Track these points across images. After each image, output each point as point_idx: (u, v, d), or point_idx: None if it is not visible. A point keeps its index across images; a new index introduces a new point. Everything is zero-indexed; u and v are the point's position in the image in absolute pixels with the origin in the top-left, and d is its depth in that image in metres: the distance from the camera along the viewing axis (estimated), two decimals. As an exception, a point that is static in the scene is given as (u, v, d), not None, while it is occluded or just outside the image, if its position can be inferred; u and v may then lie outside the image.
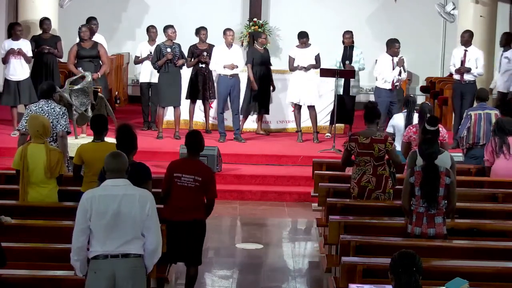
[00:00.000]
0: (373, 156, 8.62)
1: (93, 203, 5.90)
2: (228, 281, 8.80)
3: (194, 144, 7.76)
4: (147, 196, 6.01)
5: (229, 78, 13.66)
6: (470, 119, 10.91)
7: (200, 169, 7.69)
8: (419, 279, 5.04)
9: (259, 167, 12.69)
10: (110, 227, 5.88)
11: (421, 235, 7.40)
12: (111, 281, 5.87)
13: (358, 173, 8.72)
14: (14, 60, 13.55)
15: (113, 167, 6.02)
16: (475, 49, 13.64)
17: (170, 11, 16.89)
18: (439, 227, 7.43)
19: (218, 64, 13.64)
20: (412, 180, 7.44)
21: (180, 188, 7.62)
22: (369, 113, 8.76)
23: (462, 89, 13.60)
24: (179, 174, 7.64)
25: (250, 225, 10.93)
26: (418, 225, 7.44)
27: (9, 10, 17.25)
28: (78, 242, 5.92)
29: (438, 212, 7.43)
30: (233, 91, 13.73)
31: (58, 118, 9.35)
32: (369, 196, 8.68)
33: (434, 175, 7.39)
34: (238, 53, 13.89)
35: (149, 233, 5.95)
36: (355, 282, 6.48)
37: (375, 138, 8.64)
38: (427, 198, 7.37)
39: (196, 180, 7.62)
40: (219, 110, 13.84)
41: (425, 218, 7.42)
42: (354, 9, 17.50)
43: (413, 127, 9.66)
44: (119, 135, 7.47)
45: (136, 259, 5.93)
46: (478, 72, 13.59)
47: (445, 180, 7.42)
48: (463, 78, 13.59)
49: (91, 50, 13.56)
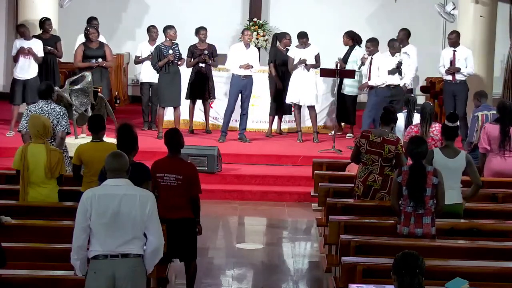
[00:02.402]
0: (382, 156, 8.62)
1: (93, 202, 5.90)
2: (228, 281, 8.80)
3: (173, 142, 7.73)
4: (148, 197, 6.00)
5: (242, 79, 13.65)
6: (478, 121, 10.86)
7: (181, 168, 7.68)
8: (422, 280, 5.04)
9: (259, 167, 12.69)
10: (110, 227, 5.88)
11: (409, 235, 7.40)
12: (111, 281, 5.87)
13: (365, 172, 8.70)
14: (23, 59, 13.63)
15: (114, 167, 6.02)
16: (464, 49, 13.66)
17: (170, 11, 16.88)
18: (427, 227, 7.41)
19: (234, 64, 13.65)
20: (400, 180, 7.45)
21: (164, 187, 7.64)
22: (387, 115, 8.80)
23: (453, 88, 13.63)
24: (161, 174, 7.65)
25: (250, 225, 10.93)
26: (406, 225, 7.44)
27: (9, 10, 17.25)
28: (78, 241, 5.92)
29: (426, 212, 7.41)
30: (245, 92, 13.71)
31: (58, 119, 9.36)
32: (373, 196, 8.67)
33: (420, 175, 7.38)
34: (255, 54, 13.93)
35: (149, 233, 5.94)
36: (355, 282, 6.48)
37: (387, 139, 8.65)
38: (413, 198, 7.37)
39: (178, 179, 7.63)
40: (230, 109, 13.78)
41: (412, 218, 7.42)
42: (354, 9, 17.49)
43: (415, 127, 9.66)
44: (120, 135, 7.46)
45: (136, 259, 5.93)
46: (468, 72, 13.62)
47: (432, 180, 7.41)
48: (455, 78, 13.61)
49: (97, 50, 13.58)
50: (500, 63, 17.09)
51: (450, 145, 8.24)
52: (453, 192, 8.10)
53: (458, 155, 8.18)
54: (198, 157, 11.81)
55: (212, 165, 12.07)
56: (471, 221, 8.09)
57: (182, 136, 7.82)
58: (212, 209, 10.77)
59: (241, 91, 13.70)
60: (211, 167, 12.04)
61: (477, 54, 14.30)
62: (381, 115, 8.93)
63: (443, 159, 8.10)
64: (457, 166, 8.10)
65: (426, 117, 9.51)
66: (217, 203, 11.37)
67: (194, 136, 13.84)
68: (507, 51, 17.06)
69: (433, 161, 8.07)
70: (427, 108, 9.63)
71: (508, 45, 17.03)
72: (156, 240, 5.96)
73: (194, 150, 11.99)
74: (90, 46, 13.61)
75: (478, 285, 6.20)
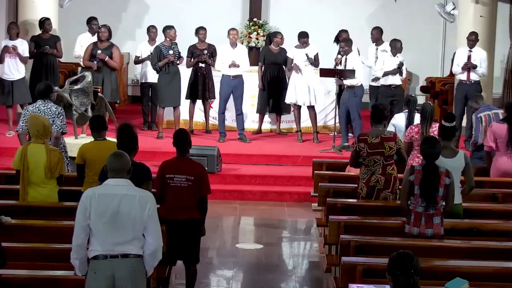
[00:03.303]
0: (384, 154, 8.62)
1: (93, 202, 5.89)
2: (228, 281, 8.80)
3: (181, 143, 7.73)
4: (148, 197, 5.99)
5: (232, 79, 13.66)
6: (481, 122, 10.87)
7: (192, 168, 7.68)
8: (417, 280, 5.04)
9: (259, 167, 12.70)
10: (110, 227, 5.87)
11: (419, 235, 7.38)
12: (111, 281, 5.87)
13: (367, 173, 8.68)
14: (9, 60, 13.59)
15: (115, 166, 6.01)
16: (479, 50, 13.75)
17: (170, 11, 16.88)
18: (437, 228, 7.41)
19: (223, 64, 13.65)
20: (412, 179, 7.43)
21: (174, 188, 7.61)
22: (377, 114, 8.78)
23: (467, 88, 13.63)
24: (171, 175, 7.62)
25: (250, 225, 10.93)
26: (416, 225, 7.42)
27: (9, 10, 17.23)
28: (77, 240, 5.93)
29: (437, 212, 7.42)
30: (236, 92, 13.72)
31: (53, 118, 9.34)
32: (377, 196, 8.65)
33: (434, 174, 7.38)
34: (243, 53, 13.90)
35: (148, 234, 5.93)
36: (355, 282, 6.48)
37: (385, 137, 8.65)
38: (426, 197, 7.36)
39: (189, 180, 7.61)
40: (220, 110, 13.83)
41: (423, 218, 7.40)
42: (354, 9, 17.48)
43: (415, 127, 9.65)
44: (120, 135, 7.45)
45: (135, 260, 5.92)
46: (482, 72, 13.70)
47: (445, 181, 7.41)
48: (469, 78, 13.64)
49: (105, 50, 13.58)
50: (500, 63, 17.08)
51: (448, 145, 8.23)
52: (453, 193, 8.10)
53: (457, 155, 8.16)
54: (198, 157, 11.79)
55: (212, 165, 12.07)
56: (471, 221, 8.08)
57: (190, 137, 7.82)
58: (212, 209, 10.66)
59: (232, 91, 13.70)
60: (211, 167, 12.04)
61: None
62: (371, 114, 8.86)
63: (441, 160, 8.08)
64: (456, 166, 8.08)
65: (426, 117, 9.50)
66: (217, 203, 11.35)
67: (194, 136, 13.79)
68: (507, 51, 17.05)
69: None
70: (427, 108, 9.62)
71: (508, 45, 17.03)
72: (155, 241, 5.94)
73: (194, 150, 11.87)
74: (99, 46, 13.63)
75: (478, 285, 6.20)
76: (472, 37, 13.76)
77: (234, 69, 13.60)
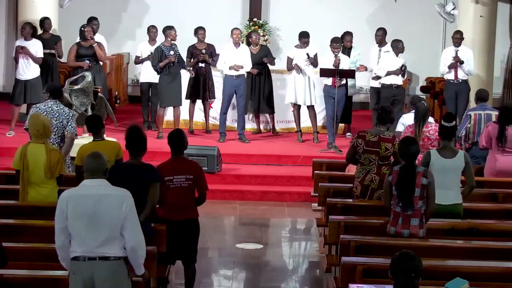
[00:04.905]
0: (379, 154, 8.63)
1: (69, 203, 5.89)
2: (228, 281, 8.80)
3: (177, 143, 7.70)
4: (124, 196, 5.97)
5: (235, 79, 13.65)
6: (470, 119, 10.90)
7: (189, 167, 7.67)
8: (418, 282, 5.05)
9: (259, 167, 12.69)
10: (87, 227, 5.87)
11: (396, 235, 7.38)
12: (89, 283, 5.88)
13: (362, 172, 8.72)
14: (22, 60, 13.65)
15: (92, 167, 6.01)
16: (465, 49, 13.75)
17: (170, 11, 16.88)
18: (414, 229, 7.36)
19: (225, 64, 13.64)
20: (390, 179, 7.44)
21: (175, 189, 7.58)
22: (384, 115, 8.80)
23: (455, 88, 13.69)
24: (170, 177, 7.59)
25: (250, 225, 10.93)
26: (393, 224, 7.43)
27: (9, 10, 17.24)
28: (58, 242, 5.97)
29: (415, 213, 7.36)
30: (239, 91, 13.72)
31: (68, 119, 9.43)
32: (371, 195, 8.68)
33: (410, 175, 7.35)
34: (246, 53, 13.88)
35: (126, 232, 5.90)
36: (355, 282, 6.48)
37: (383, 137, 8.67)
38: (402, 198, 7.35)
39: (188, 179, 7.60)
40: (223, 110, 13.82)
41: (400, 218, 7.39)
42: (354, 9, 17.49)
43: (410, 127, 9.65)
44: (129, 136, 7.43)
45: (116, 262, 5.91)
46: (468, 70, 13.69)
47: (422, 181, 7.37)
48: (457, 77, 13.65)
49: (88, 49, 13.62)
50: (500, 63, 17.09)
51: (447, 145, 8.22)
52: (452, 193, 8.09)
53: (457, 155, 8.15)
54: (198, 157, 11.80)
55: (212, 165, 12.07)
56: (471, 221, 8.08)
57: (186, 137, 7.79)
58: (212, 209, 10.76)
59: (235, 91, 13.70)
60: (211, 167, 12.04)
61: (477, 54, 14.33)
62: (378, 114, 8.93)
63: (441, 160, 8.07)
64: (455, 166, 8.08)
65: (419, 117, 9.45)
66: (217, 203, 11.36)
67: (194, 136, 13.84)
68: (507, 51, 17.07)
69: (431, 163, 8.03)
70: (420, 108, 9.59)
71: (508, 45, 17.04)
72: (133, 238, 5.91)
73: (194, 150, 11.98)
74: (83, 45, 13.66)
75: (478, 285, 6.20)
76: (457, 35, 13.78)
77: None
